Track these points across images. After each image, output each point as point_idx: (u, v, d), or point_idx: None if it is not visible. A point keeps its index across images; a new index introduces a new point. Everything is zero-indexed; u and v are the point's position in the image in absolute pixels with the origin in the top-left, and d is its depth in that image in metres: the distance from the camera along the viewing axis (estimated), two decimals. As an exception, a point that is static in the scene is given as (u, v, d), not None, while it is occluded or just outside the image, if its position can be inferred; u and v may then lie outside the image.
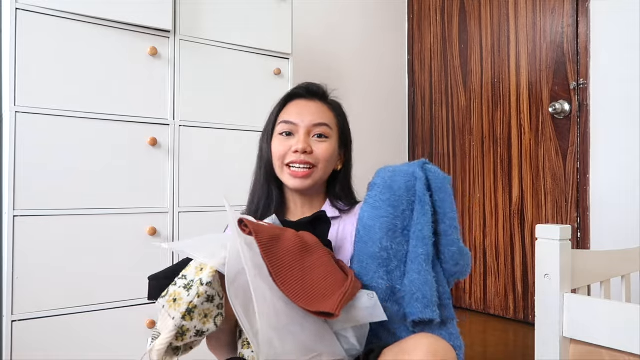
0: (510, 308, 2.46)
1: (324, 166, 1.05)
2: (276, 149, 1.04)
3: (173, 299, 0.74)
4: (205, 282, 0.73)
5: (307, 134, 1.03)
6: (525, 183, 2.41)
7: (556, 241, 0.80)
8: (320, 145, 1.04)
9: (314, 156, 1.02)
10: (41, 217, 1.46)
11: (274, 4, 1.95)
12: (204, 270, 0.75)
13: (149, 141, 1.64)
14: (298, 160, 1.01)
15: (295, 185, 1.03)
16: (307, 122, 1.03)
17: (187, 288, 0.74)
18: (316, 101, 1.08)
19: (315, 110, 1.06)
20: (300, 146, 1.01)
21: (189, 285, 0.74)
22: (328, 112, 1.08)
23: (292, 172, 1.02)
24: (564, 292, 0.79)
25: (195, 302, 0.73)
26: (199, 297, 0.73)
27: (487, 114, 2.59)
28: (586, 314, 0.76)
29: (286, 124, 1.05)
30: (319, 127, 1.04)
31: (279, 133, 1.06)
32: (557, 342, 0.78)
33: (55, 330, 1.46)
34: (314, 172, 1.03)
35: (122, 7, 1.59)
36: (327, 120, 1.06)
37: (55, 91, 1.51)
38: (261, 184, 1.08)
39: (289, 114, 1.06)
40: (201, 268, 0.76)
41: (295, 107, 1.07)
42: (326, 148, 1.04)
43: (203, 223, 1.75)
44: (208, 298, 0.74)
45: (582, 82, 2.18)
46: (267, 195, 1.07)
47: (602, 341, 0.74)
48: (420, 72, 3.00)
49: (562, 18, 2.26)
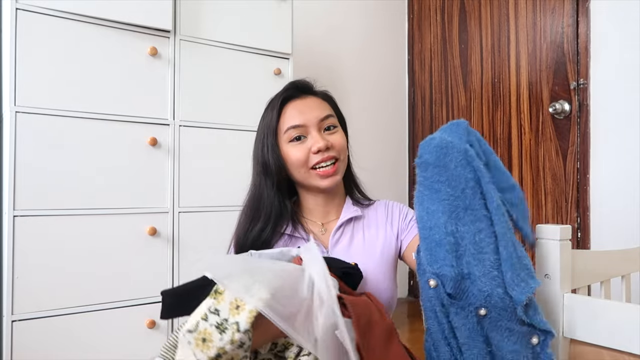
0: (510, 308, 2.46)
1: (344, 157, 1.04)
2: (294, 157, 1.00)
3: (202, 338, 0.66)
4: (243, 329, 0.65)
5: (318, 130, 1.00)
6: (525, 183, 2.41)
7: (556, 241, 0.80)
8: (334, 136, 1.02)
9: (334, 149, 1.00)
10: (41, 217, 1.46)
11: (274, 4, 1.95)
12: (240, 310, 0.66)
13: (149, 141, 1.64)
14: (323, 158, 0.98)
15: (328, 185, 1.00)
16: (314, 119, 1.00)
17: (220, 329, 0.66)
18: (310, 96, 1.05)
19: (314, 104, 1.03)
20: (321, 144, 0.98)
21: (223, 326, 0.66)
22: (324, 102, 1.06)
23: (321, 172, 0.99)
24: (564, 292, 0.79)
25: (226, 349, 0.65)
26: (232, 343, 0.65)
27: (487, 114, 2.59)
28: (586, 314, 0.76)
29: (294, 129, 1.00)
30: (326, 120, 1.02)
31: (289, 140, 1.01)
32: (557, 342, 0.78)
33: (55, 330, 1.46)
34: (339, 165, 1.01)
35: (122, 7, 1.59)
36: (328, 110, 1.04)
37: (55, 91, 1.51)
38: (270, 198, 1.02)
39: (291, 119, 1.01)
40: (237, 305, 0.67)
41: (294, 109, 1.02)
42: (340, 137, 1.03)
43: (203, 223, 1.75)
44: (241, 344, 0.66)
45: (582, 82, 2.18)
46: (280, 208, 1.02)
47: (602, 341, 0.74)
48: (420, 72, 3.00)
49: (562, 18, 2.26)
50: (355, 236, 1.05)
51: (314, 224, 1.06)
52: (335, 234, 1.03)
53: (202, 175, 1.77)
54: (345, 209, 1.07)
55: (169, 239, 1.68)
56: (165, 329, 1.66)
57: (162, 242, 1.66)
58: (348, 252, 1.02)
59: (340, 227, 1.04)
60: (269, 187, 1.02)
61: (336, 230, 1.04)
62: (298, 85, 1.07)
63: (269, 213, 1.01)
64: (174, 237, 1.69)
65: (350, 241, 1.04)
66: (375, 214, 1.09)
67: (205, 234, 1.74)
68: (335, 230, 1.04)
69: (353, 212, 1.06)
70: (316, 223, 1.06)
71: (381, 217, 1.08)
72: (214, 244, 1.76)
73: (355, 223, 1.06)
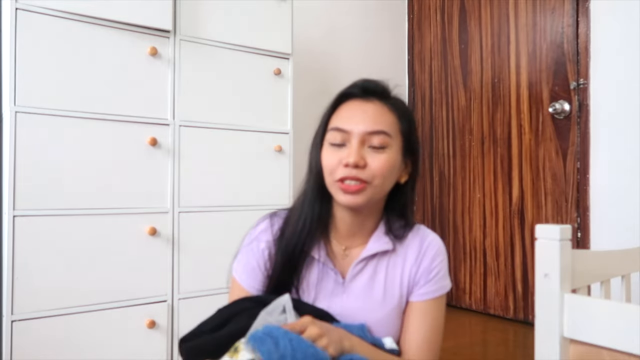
0: (510, 308, 2.46)
1: (381, 182, 0.88)
2: (326, 161, 0.90)
3: None
4: None
5: (360, 143, 0.87)
6: (525, 183, 2.41)
7: (556, 241, 0.80)
8: (377, 157, 0.87)
9: (368, 171, 0.87)
10: (41, 217, 1.46)
11: (274, 4, 1.95)
12: None
13: (149, 141, 1.64)
14: (348, 175, 0.86)
15: (347, 202, 0.88)
16: (360, 130, 0.87)
17: None
18: (374, 101, 0.92)
19: (373, 113, 0.90)
20: (352, 160, 0.85)
21: None
22: (388, 114, 0.91)
23: (344, 186, 0.87)
24: (564, 292, 0.79)
25: None
26: None
27: (487, 114, 2.59)
28: (586, 314, 0.76)
29: (337, 131, 0.89)
30: (375, 135, 0.88)
31: (330, 143, 0.90)
32: (557, 342, 0.78)
33: (55, 330, 1.46)
34: (366, 188, 0.87)
35: (122, 7, 1.59)
36: (386, 126, 0.89)
37: (55, 91, 1.51)
38: (310, 202, 0.93)
39: (340, 120, 0.91)
40: None
41: (348, 110, 0.91)
42: (384, 161, 0.88)
43: (203, 223, 1.75)
44: None
45: (582, 82, 2.18)
46: (318, 215, 0.92)
47: (602, 341, 0.74)
48: (420, 72, 3.00)
49: (562, 18, 2.26)
50: (379, 273, 0.94)
51: (337, 245, 0.96)
52: (356, 266, 0.93)
53: (202, 175, 1.77)
54: (375, 239, 0.95)
55: (169, 239, 1.68)
56: (165, 329, 1.66)
57: (162, 242, 1.66)
58: (367, 288, 0.94)
59: (363, 260, 0.94)
60: (311, 189, 0.94)
61: (359, 262, 0.94)
62: (366, 84, 0.95)
63: (305, 219, 0.92)
64: (174, 237, 1.69)
65: (372, 276, 0.94)
66: (405, 251, 0.96)
67: (205, 234, 1.74)
68: (357, 262, 0.93)
69: (383, 245, 0.94)
70: (339, 244, 0.96)
71: (411, 256, 0.95)
72: (214, 244, 1.76)
73: (379, 259, 0.95)
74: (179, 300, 1.69)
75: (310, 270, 0.93)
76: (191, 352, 0.78)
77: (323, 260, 0.93)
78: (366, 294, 0.93)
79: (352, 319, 0.91)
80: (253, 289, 0.94)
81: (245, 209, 1.84)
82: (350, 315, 0.91)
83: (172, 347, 1.67)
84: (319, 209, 0.92)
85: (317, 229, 0.92)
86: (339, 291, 0.93)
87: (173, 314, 1.68)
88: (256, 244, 0.96)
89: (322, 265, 0.93)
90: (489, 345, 2.17)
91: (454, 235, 2.73)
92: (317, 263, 0.93)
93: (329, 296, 0.92)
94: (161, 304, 1.66)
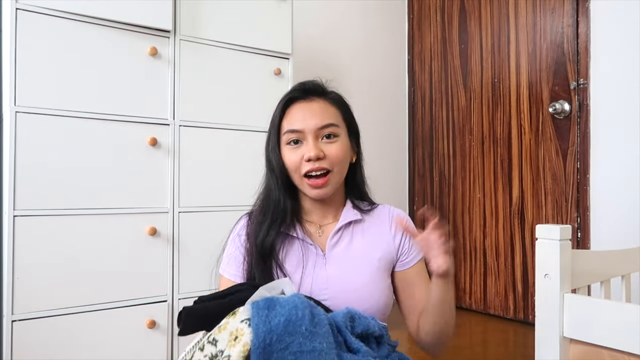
0: (510, 308, 2.46)
1: (340, 168, 1.01)
2: (289, 160, 1.00)
3: None
4: None
5: (315, 138, 0.98)
6: (525, 183, 2.41)
7: (556, 241, 0.80)
8: (332, 146, 0.99)
9: (327, 160, 0.98)
10: (41, 217, 1.46)
11: (274, 4, 1.95)
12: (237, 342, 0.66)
13: (149, 141, 1.64)
14: (313, 168, 0.97)
15: (316, 196, 0.99)
16: (312, 127, 0.98)
17: None
18: (316, 100, 1.03)
19: (318, 110, 1.00)
20: (313, 153, 0.96)
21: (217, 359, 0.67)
22: (331, 107, 1.03)
23: (311, 182, 0.98)
24: (564, 292, 0.79)
25: None
26: None
27: (487, 114, 2.59)
28: (586, 314, 0.76)
29: (291, 132, 1.00)
30: (325, 128, 0.99)
31: (287, 143, 1.01)
32: (557, 342, 0.78)
33: (55, 330, 1.46)
34: (330, 177, 0.99)
35: (122, 7, 1.59)
36: (332, 118, 1.01)
37: (55, 91, 1.51)
38: (276, 198, 1.02)
39: (291, 122, 1.00)
40: (236, 336, 0.67)
41: (296, 112, 1.01)
42: (338, 148, 1.00)
43: (203, 223, 1.75)
44: None
45: (582, 82, 2.18)
46: (284, 210, 1.01)
47: (602, 341, 0.74)
48: (420, 72, 3.00)
49: (562, 18, 2.26)
50: (355, 239, 1.04)
51: (311, 225, 1.05)
52: (333, 237, 1.02)
53: (202, 175, 1.77)
54: (345, 212, 1.05)
55: (169, 239, 1.68)
56: (165, 329, 1.66)
57: (162, 242, 1.66)
58: (346, 254, 1.02)
59: (339, 231, 1.03)
60: (275, 186, 1.02)
61: (335, 233, 1.03)
62: (305, 86, 1.05)
63: (276, 212, 1.01)
64: (174, 237, 1.69)
65: (348, 244, 1.03)
66: (376, 220, 1.07)
67: (205, 234, 1.74)
68: (333, 234, 1.02)
69: (353, 216, 1.04)
70: (313, 224, 1.05)
71: (384, 224, 1.07)
72: (214, 244, 1.75)
73: (354, 226, 1.05)
74: (179, 300, 1.69)
75: (292, 246, 1.01)
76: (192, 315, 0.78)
77: (302, 237, 1.01)
78: (347, 260, 1.01)
79: (338, 286, 0.97)
80: (240, 279, 1.00)
81: (245, 209, 1.83)
82: (336, 284, 0.98)
83: (172, 347, 1.67)
84: (284, 203, 1.01)
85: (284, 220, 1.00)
86: (321, 262, 1.00)
87: (173, 314, 1.68)
88: (238, 238, 1.05)
89: (302, 242, 1.01)
90: (489, 345, 2.17)
91: (454, 235, 2.74)
92: (297, 240, 1.01)
93: (312, 269, 0.99)
94: (161, 304, 1.66)
